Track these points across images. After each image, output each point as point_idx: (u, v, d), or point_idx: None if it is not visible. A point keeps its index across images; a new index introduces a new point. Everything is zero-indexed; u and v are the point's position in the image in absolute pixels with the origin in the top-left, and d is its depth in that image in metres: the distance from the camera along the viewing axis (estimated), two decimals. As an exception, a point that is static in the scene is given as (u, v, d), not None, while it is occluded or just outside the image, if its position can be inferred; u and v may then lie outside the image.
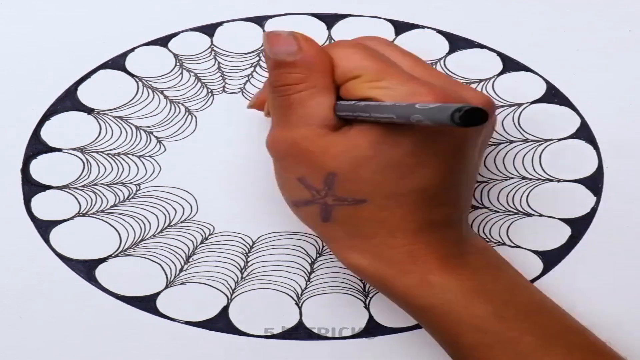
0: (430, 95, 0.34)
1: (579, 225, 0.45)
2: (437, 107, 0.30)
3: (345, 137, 0.35)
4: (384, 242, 0.36)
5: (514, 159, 0.45)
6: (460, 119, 0.29)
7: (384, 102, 0.34)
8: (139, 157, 0.45)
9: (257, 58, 0.46)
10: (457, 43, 0.46)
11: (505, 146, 0.45)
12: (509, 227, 0.45)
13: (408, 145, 0.35)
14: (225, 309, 0.44)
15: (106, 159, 0.45)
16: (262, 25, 0.46)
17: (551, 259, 0.44)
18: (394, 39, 0.46)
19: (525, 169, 0.45)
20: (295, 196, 0.38)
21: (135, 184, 0.45)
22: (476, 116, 0.29)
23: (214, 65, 0.46)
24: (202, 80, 0.46)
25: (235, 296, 0.44)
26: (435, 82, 0.36)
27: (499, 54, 0.46)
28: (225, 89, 0.46)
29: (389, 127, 0.35)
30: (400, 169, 0.35)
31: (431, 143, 0.35)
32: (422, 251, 0.37)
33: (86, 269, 0.44)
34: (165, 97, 0.46)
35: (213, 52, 0.46)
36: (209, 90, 0.46)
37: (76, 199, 0.45)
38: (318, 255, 0.44)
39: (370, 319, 0.44)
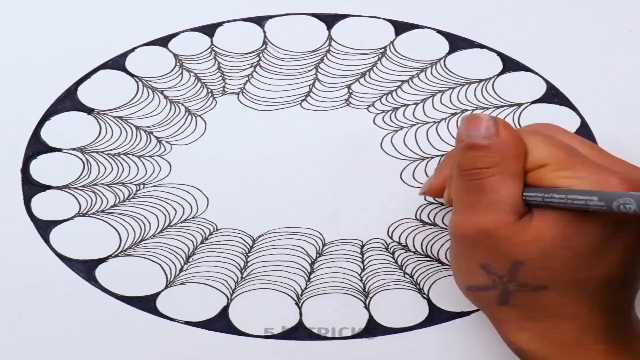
0: (622, 185, 0.34)
1: (579, 225, 0.45)
2: None
3: (532, 226, 0.35)
4: (556, 326, 0.37)
5: (514, 159, 0.45)
6: None
7: (575, 193, 0.34)
8: (139, 157, 0.45)
9: (257, 58, 0.46)
10: (457, 43, 0.46)
11: (505, 146, 0.45)
12: (509, 227, 0.45)
13: (596, 235, 0.35)
14: (225, 309, 0.44)
15: (106, 159, 0.45)
16: (262, 25, 0.46)
17: (551, 259, 0.44)
18: (394, 39, 0.46)
19: (525, 169, 0.45)
20: (473, 281, 0.38)
21: (135, 184, 0.45)
22: None
23: (214, 65, 0.46)
24: (202, 81, 0.46)
25: (235, 296, 0.44)
26: (619, 170, 0.36)
27: (499, 54, 0.46)
28: (225, 89, 0.46)
29: (577, 217, 0.35)
30: (586, 258, 0.35)
31: (617, 232, 0.35)
32: (592, 337, 0.37)
33: (86, 269, 0.44)
34: (165, 97, 0.46)
35: (213, 52, 0.46)
36: (209, 91, 0.46)
37: (76, 199, 0.45)
38: (318, 255, 0.44)
39: (370, 319, 0.44)
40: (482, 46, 0.46)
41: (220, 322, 0.44)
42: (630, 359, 0.37)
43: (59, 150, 0.45)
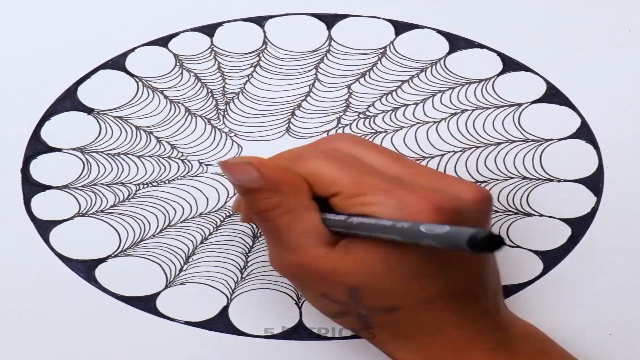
0: (421, 204, 0.33)
1: (579, 225, 0.45)
2: (448, 233, 0.29)
3: (351, 253, 0.35)
4: (426, 340, 0.36)
5: (514, 159, 0.45)
6: (476, 246, 0.27)
7: (382, 221, 0.32)
8: (139, 157, 0.45)
9: (257, 58, 0.46)
10: (457, 43, 0.46)
11: (506, 146, 0.45)
12: (509, 227, 0.45)
13: (418, 258, 0.34)
14: (225, 309, 0.44)
15: (106, 159, 0.45)
16: (262, 25, 0.46)
17: (551, 259, 0.44)
18: (394, 39, 0.46)
19: (525, 169, 0.45)
20: (326, 310, 0.37)
21: (135, 184, 0.45)
22: (493, 242, 0.28)
23: (214, 65, 0.46)
24: (202, 80, 0.46)
25: (235, 296, 0.44)
26: (419, 181, 0.35)
27: (499, 54, 0.46)
28: (225, 89, 0.46)
29: (394, 245, 0.33)
30: (418, 278, 0.34)
31: (442, 251, 0.34)
32: (464, 345, 0.36)
33: (86, 269, 0.44)
34: (165, 97, 0.46)
35: (213, 52, 0.46)
36: (209, 91, 0.46)
37: (76, 199, 0.45)
38: (318, 255, 0.44)
39: (370, 319, 0.44)
40: (482, 46, 0.46)
41: (220, 322, 0.44)
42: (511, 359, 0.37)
43: (59, 150, 0.45)
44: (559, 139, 0.45)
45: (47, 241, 0.44)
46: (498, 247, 0.28)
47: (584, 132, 0.45)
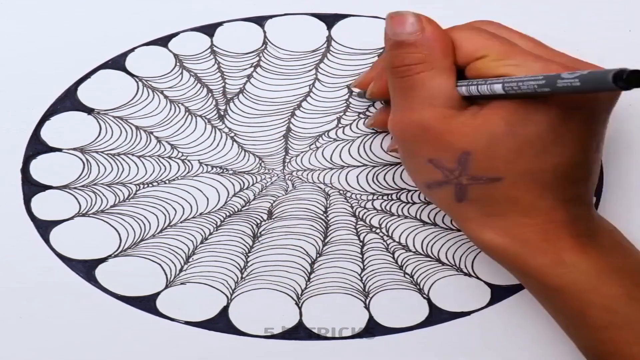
0: (564, 70, 0.33)
1: (579, 225, 0.45)
2: (591, 72, 0.30)
3: (477, 116, 0.35)
4: (518, 220, 0.36)
5: (514, 159, 0.45)
6: (626, 80, 0.28)
7: (518, 78, 0.33)
8: (139, 157, 0.45)
9: (257, 58, 0.46)
10: (457, 43, 0.46)
11: (505, 146, 0.45)
12: (509, 227, 0.45)
13: (543, 123, 0.34)
14: (225, 309, 0.44)
15: (106, 159, 0.45)
16: (262, 25, 0.46)
17: (551, 259, 0.44)
18: (394, 39, 0.46)
19: (525, 169, 0.45)
20: (427, 178, 0.37)
21: (135, 184, 0.45)
22: (637, 77, 0.28)
23: (214, 65, 0.46)
24: (202, 81, 0.46)
25: (235, 296, 0.44)
26: (560, 60, 0.36)
27: (499, 54, 0.46)
28: (226, 89, 0.46)
29: (523, 105, 0.34)
30: (535, 146, 0.35)
31: (566, 120, 0.35)
32: (555, 230, 0.36)
33: (86, 269, 0.44)
34: (165, 97, 0.46)
35: (213, 52, 0.46)
36: (209, 91, 0.46)
37: (76, 199, 0.45)
38: (318, 255, 0.44)
39: (370, 319, 0.44)
40: (482, 46, 0.46)
41: (220, 322, 0.44)
42: (596, 252, 0.37)
43: (59, 150, 0.45)
44: (559, 139, 0.45)
45: (47, 241, 0.44)
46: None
47: (584, 132, 0.45)
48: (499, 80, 0.34)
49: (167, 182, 0.45)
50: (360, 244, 0.45)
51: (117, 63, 0.46)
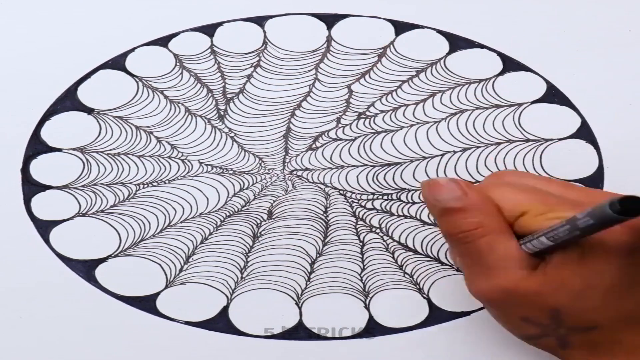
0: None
1: (579, 225, 0.45)
2: (596, 206, 0.30)
3: (549, 275, 0.35)
4: (626, 359, 0.36)
5: (514, 159, 0.45)
6: (622, 209, 0.29)
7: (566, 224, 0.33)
8: (139, 157, 0.45)
9: (257, 58, 0.46)
10: (457, 43, 0.46)
11: (506, 146, 0.45)
12: (509, 227, 0.45)
13: (613, 268, 0.34)
14: (225, 309, 0.44)
15: (106, 159, 0.45)
16: (262, 25, 0.46)
17: (551, 259, 0.44)
18: (394, 39, 0.46)
19: (525, 169, 0.45)
20: (525, 332, 0.37)
21: (135, 184, 0.45)
22: (635, 205, 0.29)
23: (214, 65, 0.46)
24: (202, 80, 0.46)
25: (235, 296, 0.44)
26: (594, 202, 0.35)
27: (499, 54, 0.46)
28: (226, 89, 0.46)
29: (587, 255, 0.34)
30: (617, 290, 0.35)
31: (632, 257, 0.34)
32: None
33: (86, 269, 0.44)
34: (165, 97, 0.46)
35: (213, 52, 0.46)
36: (209, 91, 0.46)
37: (76, 199, 0.45)
38: (318, 255, 0.44)
39: (370, 319, 0.44)
40: (482, 46, 0.46)
41: (220, 322, 0.44)
42: None
43: (59, 150, 0.45)
44: (559, 139, 0.45)
45: (47, 241, 0.44)
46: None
47: (584, 132, 0.45)
48: (541, 233, 0.34)
49: (167, 182, 0.45)
50: (360, 244, 0.45)
51: (117, 63, 0.46)
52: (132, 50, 0.46)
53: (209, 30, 0.46)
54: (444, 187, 0.36)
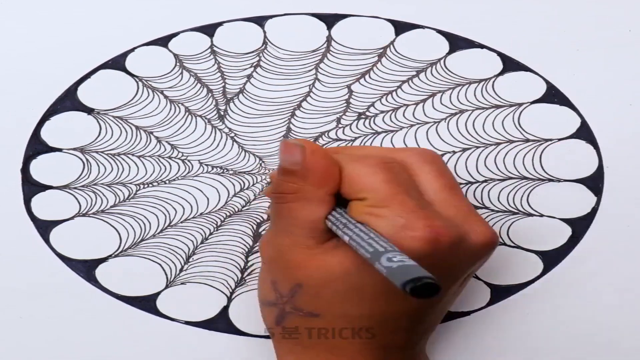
0: (425, 229, 0.34)
1: (579, 225, 0.45)
2: (397, 268, 0.30)
3: (323, 253, 0.36)
4: (321, 356, 0.37)
5: (514, 159, 0.45)
6: (411, 290, 0.29)
7: (367, 236, 0.34)
8: (139, 157, 0.45)
9: (257, 58, 0.46)
10: (457, 43, 0.46)
11: (505, 146, 0.45)
12: (509, 227, 0.45)
13: (378, 278, 0.33)
14: (225, 309, 0.44)
15: (106, 159, 0.45)
16: (262, 25, 0.46)
17: (551, 259, 0.44)
18: (394, 39, 0.46)
19: (525, 169, 0.45)
20: (264, 296, 0.39)
21: (135, 184, 0.45)
22: (428, 290, 0.29)
23: (214, 65, 0.46)
24: (202, 81, 0.46)
25: (235, 296, 0.44)
26: (446, 212, 0.36)
27: (499, 54, 0.46)
28: (226, 89, 0.46)
29: (353, 254, 0.35)
30: (362, 295, 0.36)
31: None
32: None
33: (86, 269, 0.44)
34: (165, 97, 0.46)
35: (213, 52, 0.46)
36: (209, 91, 0.46)
37: (76, 199, 0.45)
38: (318, 255, 0.44)
39: (371, 319, 0.44)
40: (482, 46, 0.46)
41: (220, 322, 0.44)
42: None
43: (59, 150, 0.45)
44: (559, 139, 0.45)
45: (47, 241, 0.44)
46: (431, 294, 0.29)
47: (584, 132, 0.45)
48: (348, 234, 0.34)
49: (167, 182, 0.45)
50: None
51: (117, 63, 0.46)
52: (132, 50, 0.46)
53: (209, 30, 0.46)
54: (288, 149, 0.36)
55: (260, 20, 0.46)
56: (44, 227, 0.44)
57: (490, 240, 0.37)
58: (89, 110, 0.45)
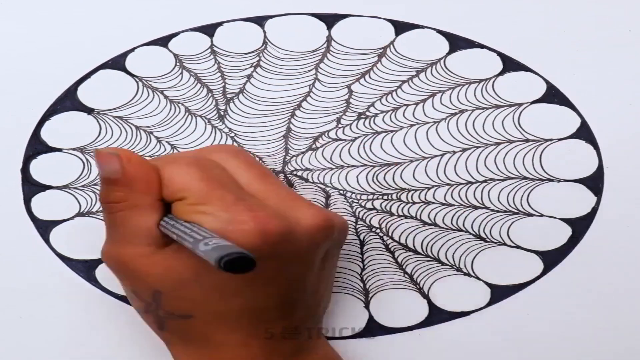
0: (250, 223, 0.34)
1: (579, 225, 0.45)
2: (212, 249, 0.31)
3: (167, 258, 0.36)
4: (213, 355, 0.38)
5: (514, 159, 0.45)
6: (225, 265, 0.30)
7: (190, 230, 0.34)
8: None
9: (257, 58, 0.46)
10: (457, 43, 0.46)
11: (505, 146, 0.45)
12: (509, 227, 0.45)
13: (224, 273, 0.33)
14: (225, 309, 0.44)
15: (106, 159, 0.45)
16: (262, 25, 0.46)
17: (551, 259, 0.44)
18: (394, 39, 0.46)
19: (525, 169, 0.45)
20: (135, 305, 0.39)
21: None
22: (243, 264, 0.30)
23: (214, 65, 0.46)
24: (202, 80, 0.46)
25: (235, 296, 0.44)
26: (270, 201, 0.36)
27: (499, 54, 0.46)
28: (226, 89, 0.46)
29: None
30: (222, 290, 0.36)
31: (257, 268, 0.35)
32: None
33: (86, 269, 0.44)
34: (165, 97, 0.46)
35: (213, 52, 0.46)
36: (209, 91, 0.46)
37: (76, 199, 0.45)
38: (318, 255, 0.44)
39: (370, 319, 0.44)
40: (482, 46, 0.46)
41: (220, 322, 0.44)
42: None
43: (59, 150, 0.45)
44: (559, 139, 0.45)
45: (47, 241, 0.44)
46: (246, 269, 0.30)
47: (584, 132, 0.45)
48: (175, 232, 0.34)
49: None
50: (360, 244, 0.45)
51: (117, 63, 0.46)
52: (132, 50, 0.46)
53: (209, 30, 0.46)
54: (104, 158, 0.36)
55: (260, 20, 0.46)
56: (44, 227, 0.44)
57: (323, 221, 0.37)
58: (89, 110, 0.45)
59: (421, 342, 0.44)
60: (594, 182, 0.45)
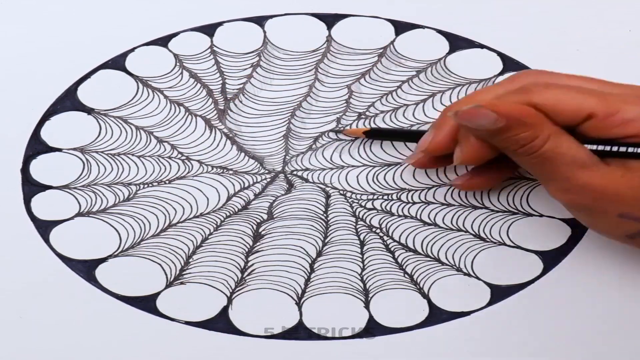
0: None
1: (579, 226, 0.45)
2: None
3: (629, 168, 0.34)
4: None
5: (514, 159, 0.45)
6: None
7: None
8: (139, 157, 0.45)
9: (257, 58, 0.46)
10: (457, 43, 0.46)
11: (505, 146, 0.45)
12: (509, 227, 0.45)
13: None
14: (225, 309, 0.44)
15: (106, 159, 0.45)
16: (262, 25, 0.46)
17: (551, 259, 0.44)
18: (394, 39, 0.46)
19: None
20: (626, 231, 0.36)
21: (135, 184, 0.45)
22: None
23: (214, 65, 0.46)
24: (202, 80, 0.46)
25: (235, 296, 0.44)
26: (628, 91, 0.35)
27: (499, 54, 0.46)
28: (226, 89, 0.46)
29: None
30: None
31: None
32: None
33: (86, 269, 0.44)
34: (165, 97, 0.46)
35: (213, 52, 0.46)
36: (209, 91, 0.46)
37: (76, 199, 0.45)
38: (318, 255, 0.44)
39: (370, 319, 0.44)
40: (482, 46, 0.46)
41: (220, 322, 0.44)
42: None
43: (59, 150, 0.45)
44: (559, 139, 0.45)
45: (47, 241, 0.44)
46: None
47: (584, 132, 0.45)
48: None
49: (167, 182, 0.45)
50: (360, 244, 0.45)
51: (117, 63, 0.46)
52: (132, 50, 0.46)
53: (209, 30, 0.46)
54: (475, 114, 0.35)
55: (260, 20, 0.46)
56: (44, 227, 0.44)
57: None
58: (89, 110, 0.45)
59: (421, 342, 0.44)
60: (594, 182, 0.45)
